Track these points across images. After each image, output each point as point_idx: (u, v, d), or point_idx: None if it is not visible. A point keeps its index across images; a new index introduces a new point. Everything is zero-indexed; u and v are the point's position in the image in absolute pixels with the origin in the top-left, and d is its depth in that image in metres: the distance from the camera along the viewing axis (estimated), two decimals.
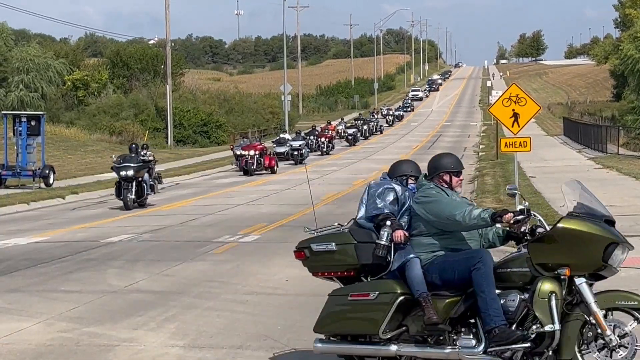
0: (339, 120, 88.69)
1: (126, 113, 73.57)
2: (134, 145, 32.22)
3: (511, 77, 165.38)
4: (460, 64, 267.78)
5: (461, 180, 9.39)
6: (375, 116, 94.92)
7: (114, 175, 37.35)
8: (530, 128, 44.69)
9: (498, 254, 9.76)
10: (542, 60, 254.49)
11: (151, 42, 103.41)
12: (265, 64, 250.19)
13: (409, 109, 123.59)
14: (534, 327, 8.45)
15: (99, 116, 73.91)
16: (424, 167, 9.53)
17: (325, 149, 63.71)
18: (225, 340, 11.09)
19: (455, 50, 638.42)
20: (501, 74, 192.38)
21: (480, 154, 56.46)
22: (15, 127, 40.85)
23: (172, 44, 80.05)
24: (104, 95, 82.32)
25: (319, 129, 69.54)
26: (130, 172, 30.00)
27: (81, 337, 11.40)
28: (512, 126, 23.60)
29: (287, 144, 55.75)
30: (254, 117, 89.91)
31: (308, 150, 57.12)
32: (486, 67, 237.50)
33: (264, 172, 47.19)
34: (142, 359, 10.42)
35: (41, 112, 45.40)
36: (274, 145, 56.58)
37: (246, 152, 47.11)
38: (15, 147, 40.80)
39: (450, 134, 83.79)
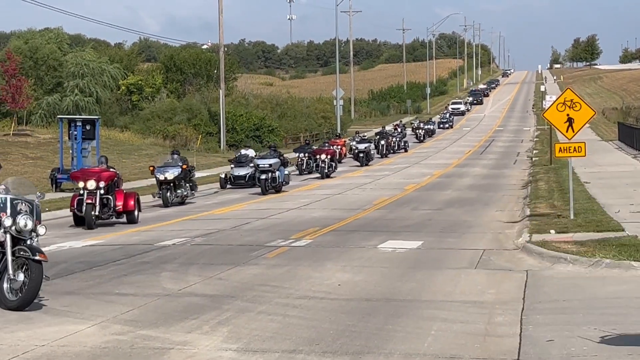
0: (376, 129, 74.16)
1: (179, 117, 74.11)
2: None
3: (565, 82, 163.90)
4: (509, 72, 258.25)
5: None
6: (399, 130, 76.92)
7: None
8: (584, 133, 44.36)
9: None
10: (596, 64, 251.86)
11: (204, 46, 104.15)
12: (318, 68, 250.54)
13: (446, 125, 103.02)
14: None
15: (152, 120, 74.54)
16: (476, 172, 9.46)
17: (326, 170, 48.23)
18: (277, 344, 11.11)
19: (509, 55, 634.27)
20: (554, 77, 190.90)
21: (533, 159, 56.04)
22: (70, 131, 41.36)
23: (225, 49, 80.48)
24: (158, 100, 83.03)
25: (321, 145, 57.32)
26: None
27: (135, 339, 11.48)
28: (567, 131, 23.46)
29: (250, 164, 41.91)
30: (306, 122, 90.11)
31: (284, 172, 39.95)
32: (540, 72, 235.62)
33: (119, 219, 27.46)
34: None
35: (96, 116, 45.97)
36: (232, 166, 43.88)
37: (81, 184, 26.65)
38: (71, 151, 41.32)
39: (503, 139, 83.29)
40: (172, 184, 33.97)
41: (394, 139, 70.07)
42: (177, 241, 21.80)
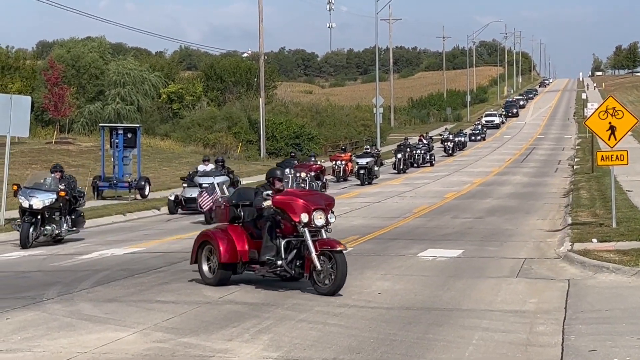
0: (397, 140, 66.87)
1: (220, 125, 74.39)
2: None
3: (607, 90, 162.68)
4: (547, 81, 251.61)
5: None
6: (424, 141, 66.36)
7: None
8: (626, 141, 43.69)
9: None
10: (638, 72, 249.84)
11: (245, 55, 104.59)
12: (357, 76, 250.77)
13: (478, 137, 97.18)
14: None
15: (193, 128, 74.89)
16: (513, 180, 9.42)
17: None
18: (318, 353, 11.11)
19: (550, 62, 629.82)
20: (595, 85, 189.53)
21: (575, 167, 55.65)
22: (112, 140, 41.67)
23: (266, 57, 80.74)
24: (198, 108, 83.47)
25: (305, 159, 46.53)
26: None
27: (177, 347, 11.53)
28: (609, 139, 23.26)
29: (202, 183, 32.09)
30: (346, 130, 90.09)
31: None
32: (581, 79, 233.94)
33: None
34: None
35: (137, 125, 46.23)
36: (184, 185, 34.88)
37: (304, 217, 15.63)
38: (112, 159, 41.61)
39: (544, 147, 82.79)
40: (40, 216, 24.04)
41: (417, 152, 62.88)
42: None
